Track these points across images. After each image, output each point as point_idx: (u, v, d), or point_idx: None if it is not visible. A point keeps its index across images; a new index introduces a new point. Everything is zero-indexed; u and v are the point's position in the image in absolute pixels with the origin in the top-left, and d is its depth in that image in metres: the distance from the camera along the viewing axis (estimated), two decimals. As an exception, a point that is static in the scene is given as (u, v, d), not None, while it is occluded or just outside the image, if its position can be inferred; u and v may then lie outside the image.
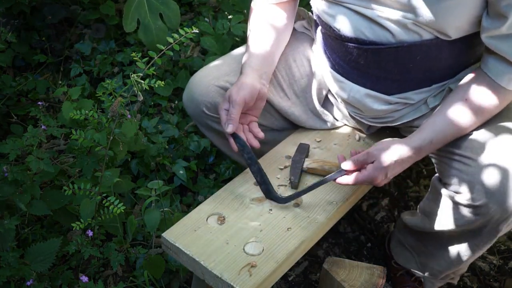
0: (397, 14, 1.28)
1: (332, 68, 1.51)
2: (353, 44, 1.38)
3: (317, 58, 1.60)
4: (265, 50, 1.50)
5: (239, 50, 1.68)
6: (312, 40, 1.65)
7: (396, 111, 1.47)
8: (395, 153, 1.29)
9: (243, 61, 1.49)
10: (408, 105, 1.45)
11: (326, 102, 1.65)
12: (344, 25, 1.37)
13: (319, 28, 1.52)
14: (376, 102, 1.45)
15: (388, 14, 1.29)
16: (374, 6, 1.30)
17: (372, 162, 1.29)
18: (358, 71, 1.43)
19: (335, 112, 1.65)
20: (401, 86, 1.41)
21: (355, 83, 1.46)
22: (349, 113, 1.60)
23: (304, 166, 1.46)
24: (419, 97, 1.43)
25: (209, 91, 1.55)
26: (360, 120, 1.57)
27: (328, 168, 1.45)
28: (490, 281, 1.86)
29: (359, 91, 1.46)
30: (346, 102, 1.54)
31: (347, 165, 1.32)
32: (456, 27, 1.28)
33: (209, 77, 1.57)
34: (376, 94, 1.43)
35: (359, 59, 1.40)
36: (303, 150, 1.50)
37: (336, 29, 1.39)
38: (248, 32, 1.56)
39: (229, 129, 1.36)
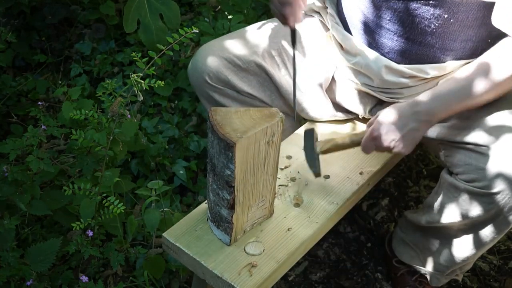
0: None
1: (352, 34, 1.50)
2: None
3: (332, 30, 1.58)
4: None
5: (248, 28, 1.68)
6: (320, 23, 1.65)
7: (406, 88, 1.45)
8: (388, 109, 1.31)
9: None
10: (419, 84, 1.43)
11: (330, 87, 1.63)
12: None
13: None
14: (389, 73, 1.44)
15: None
16: None
17: None
18: (382, 30, 1.41)
19: (339, 92, 1.61)
20: (418, 52, 1.39)
21: (373, 49, 1.45)
22: (356, 88, 1.57)
23: (318, 150, 1.40)
24: (432, 73, 1.40)
25: (213, 61, 1.57)
26: (367, 91, 1.54)
27: (341, 143, 1.40)
28: (490, 281, 1.86)
29: (375, 62, 1.44)
30: (357, 71, 1.52)
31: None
32: None
33: (215, 47, 1.59)
34: (391, 64, 1.42)
35: (387, 13, 1.37)
36: (310, 136, 1.43)
37: None
38: None
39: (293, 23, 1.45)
